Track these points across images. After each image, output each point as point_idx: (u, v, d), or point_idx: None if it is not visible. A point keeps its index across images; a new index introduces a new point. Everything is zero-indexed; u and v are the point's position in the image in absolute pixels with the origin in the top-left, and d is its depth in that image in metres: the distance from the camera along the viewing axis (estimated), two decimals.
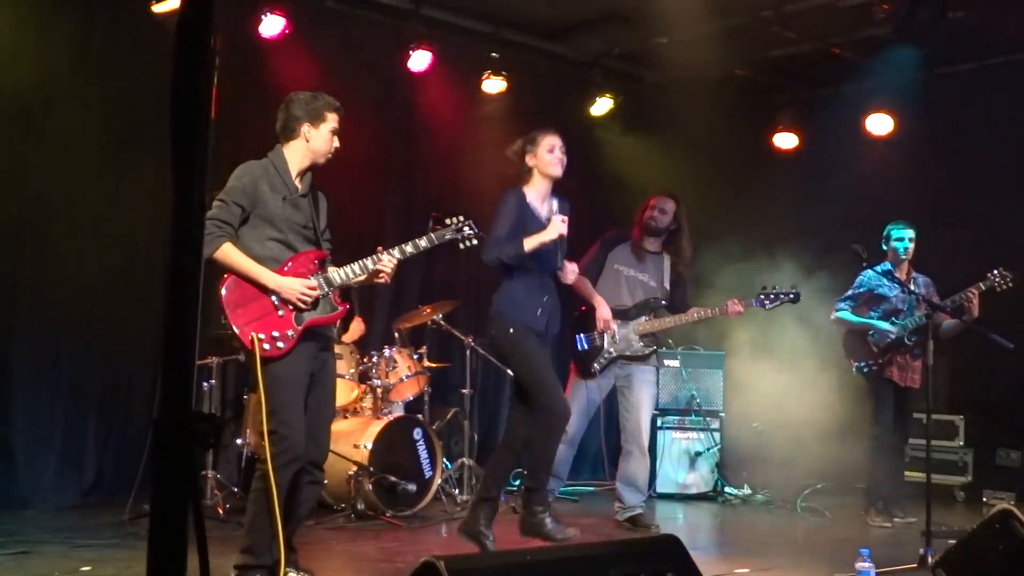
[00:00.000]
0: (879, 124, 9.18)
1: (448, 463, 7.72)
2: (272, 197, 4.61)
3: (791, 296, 6.96)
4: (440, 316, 7.89)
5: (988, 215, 8.82)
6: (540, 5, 8.87)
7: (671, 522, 7.64)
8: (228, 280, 4.53)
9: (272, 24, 7.70)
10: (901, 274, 7.48)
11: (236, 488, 6.92)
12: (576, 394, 7.01)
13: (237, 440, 7.26)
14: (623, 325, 7.01)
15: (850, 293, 7.69)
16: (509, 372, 8.00)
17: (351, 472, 6.85)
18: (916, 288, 7.36)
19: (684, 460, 8.84)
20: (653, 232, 7.14)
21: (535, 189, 5.78)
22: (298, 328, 4.57)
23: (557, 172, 5.78)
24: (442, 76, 8.89)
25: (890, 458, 7.48)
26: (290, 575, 4.52)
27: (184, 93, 1.65)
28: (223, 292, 4.50)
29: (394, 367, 7.51)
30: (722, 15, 8.49)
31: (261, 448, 4.41)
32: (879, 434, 7.50)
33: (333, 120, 4.77)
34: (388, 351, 7.52)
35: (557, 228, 5.51)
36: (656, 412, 8.72)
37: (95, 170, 7.33)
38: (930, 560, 5.12)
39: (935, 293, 7.47)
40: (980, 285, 7.16)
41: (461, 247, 5.07)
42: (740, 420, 8.83)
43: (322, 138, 4.74)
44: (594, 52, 9.80)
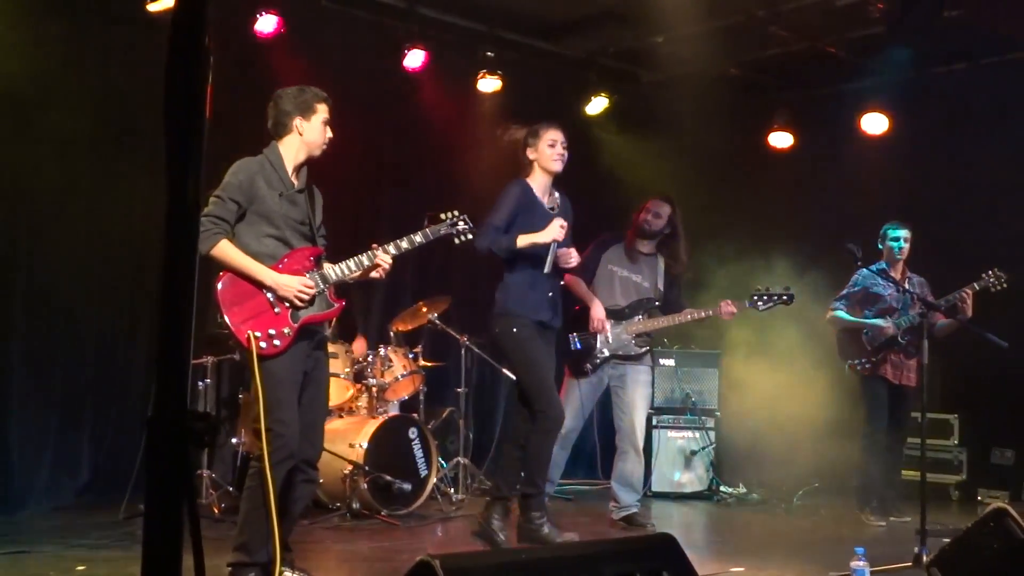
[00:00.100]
0: (874, 123, 9.18)
1: (443, 462, 7.72)
2: (269, 193, 4.60)
3: (784, 297, 6.97)
4: (435, 315, 7.89)
5: (983, 215, 8.82)
6: (535, 4, 8.86)
7: (666, 521, 7.64)
8: (224, 277, 4.52)
9: (267, 23, 7.70)
10: (896, 273, 7.50)
11: (231, 487, 6.91)
12: (570, 394, 7.01)
13: (232, 439, 7.25)
14: (617, 325, 7.02)
15: (845, 292, 7.70)
16: (506, 372, 8.11)
17: (346, 471, 6.84)
18: (911, 288, 7.38)
19: (679, 459, 8.84)
20: (646, 235, 7.15)
21: (536, 182, 5.79)
22: (294, 326, 4.57)
23: (557, 167, 5.77)
24: (437, 75, 8.89)
25: (883, 457, 7.48)
26: (285, 574, 4.51)
27: (178, 92, 1.65)
28: (219, 289, 4.49)
29: (389, 366, 7.51)
30: (717, 14, 8.49)
31: (255, 446, 4.40)
32: (872, 433, 7.51)
33: (324, 111, 4.76)
34: (383, 350, 7.52)
35: (553, 232, 5.48)
36: (651, 411, 8.73)
37: (89, 168, 7.31)
38: (925, 559, 5.12)
39: (930, 293, 7.48)
40: (974, 285, 7.17)
41: (456, 242, 5.09)
42: (735, 419, 8.83)
43: (315, 130, 4.73)
44: (589, 51, 9.80)
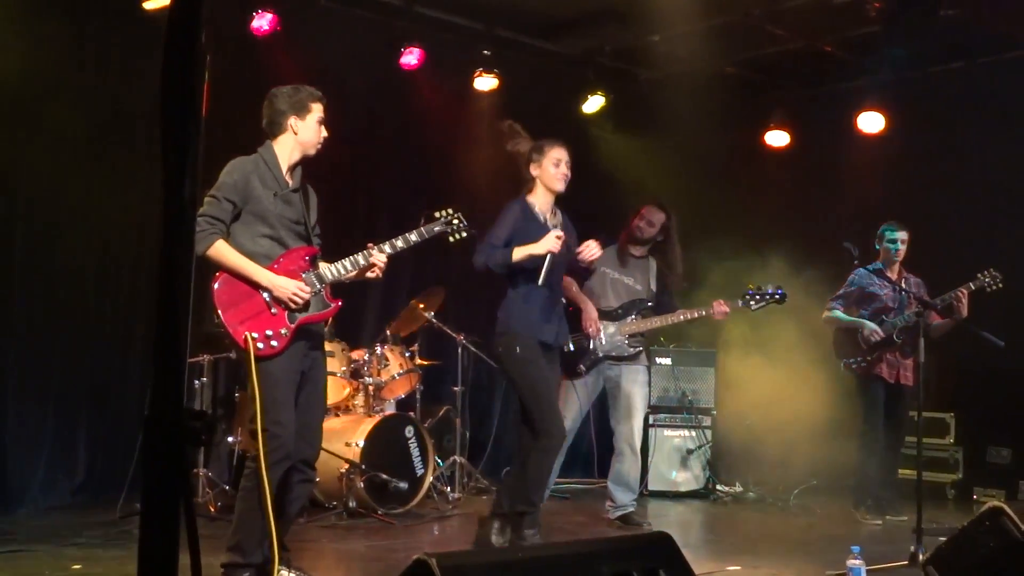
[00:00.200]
0: (870, 122, 9.19)
1: (440, 461, 7.72)
2: (264, 193, 4.58)
3: (776, 296, 6.97)
4: (432, 314, 7.89)
5: (979, 214, 8.83)
6: (532, 2, 8.86)
7: (663, 520, 7.64)
8: (220, 278, 4.50)
9: (263, 21, 7.69)
10: (892, 274, 7.50)
11: (227, 486, 6.91)
12: (566, 396, 7.01)
13: (228, 438, 7.25)
14: (610, 326, 7.02)
15: (841, 292, 7.70)
16: (498, 371, 8.10)
17: (343, 470, 6.84)
18: (907, 288, 7.38)
19: (676, 458, 8.84)
20: (637, 241, 7.16)
21: (538, 200, 5.74)
22: (291, 326, 4.56)
23: (560, 187, 5.72)
24: (434, 73, 8.89)
25: (880, 456, 7.49)
26: (282, 573, 4.51)
27: (175, 90, 1.65)
28: (215, 290, 4.47)
29: (386, 365, 7.51)
30: (714, 13, 8.48)
31: (252, 446, 4.39)
32: (868, 432, 7.51)
33: (318, 110, 4.74)
34: (380, 349, 7.52)
35: (547, 244, 5.42)
36: (648, 410, 8.73)
37: (85, 167, 7.30)
38: (921, 557, 5.13)
39: (926, 293, 7.48)
40: (970, 284, 7.17)
41: (451, 240, 5.06)
42: (732, 418, 8.84)
43: (310, 129, 4.72)
44: (586, 50, 9.80)
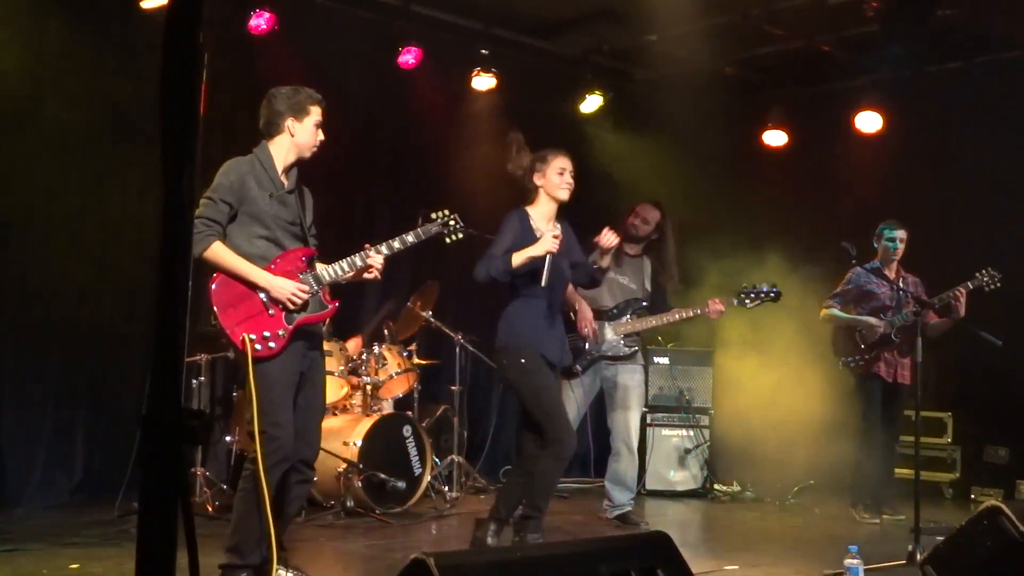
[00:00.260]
0: (868, 122, 9.19)
1: (437, 460, 7.72)
2: (259, 194, 4.57)
3: (771, 294, 6.97)
4: (430, 312, 7.89)
5: (976, 213, 8.83)
6: (530, 2, 8.86)
7: (661, 519, 7.64)
8: (217, 279, 4.49)
9: (261, 21, 7.69)
10: (890, 272, 7.51)
11: (225, 485, 6.91)
12: (563, 397, 7.02)
13: (226, 437, 7.25)
14: (605, 326, 7.02)
15: (839, 290, 7.71)
16: (495, 371, 8.10)
17: (340, 469, 6.84)
18: (904, 287, 7.39)
19: (673, 457, 8.85)
20: (632, 239, 7.16)
21: (540, 210, 5.68)
22: (289, 327, 4.55)
23: (564, 196, 5.66)
24: (432, 73, 8.88)
25: (878, 455, 7.49)
26: (280, 572, 4.51)
27: (173, 90, 1.64)
28: (212, 291, 4.46)
29: (384, 364, 7.51)
30: (711, 13, 8.49)
31: (250, 447, 4.39)
32: (867, 430, 7.52)
33: (316, 113, 4.73)
34: (377, 348, 7.52)
35: (545, 244, 5.36)
36: (646, 409, 8.74)
37: (83, 167, 7.30)
38: (919, 557, 5.13)
39: (923, 292, 7.49)
40: (968, 284, 7.18)
41: (447, 241, 5.05)
42: (729, 417, 8.83)
43: (307, 132, 4.71)
44: (584, 49, 9.80)
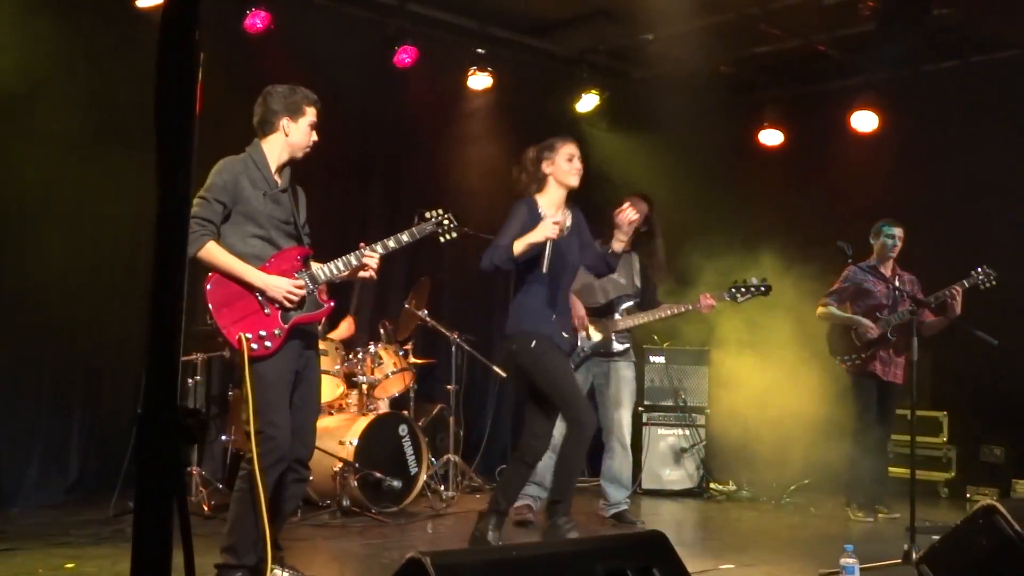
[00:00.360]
0: (864, 121, 9.20)
1: (433, 459, 7.72)
2: (253, 193, 4.56)
3: (762, 288, 6.98)
4: (425, 312, 7.88)
5: (972, 212, 8.85)
6: (526, 1, 8.86)
7: (656, 518, 7.65)
8: (213, 278, 4.48)
9: (257, 19, 7.68)
10: (887, 271, 7.53)
11: (221, 484, 6.90)
12: None
13: (222, 436, 7.24)
14: (597, 322, 7.03)
15: (835, 289, 7.72)
16: (496, 369, 8.11)
17: (336, 468, 6.84)
18: (900, 285, 7.40)
19: (669, 456, 8.85)
20: (622, 232, 7.13)
21: (549, 198, 5.69)
22: (285, 327, 4.54)
23: (574, 182, 5.68)
24: (427, 72, 8.88)
25: (873, 453, 7.50)
26: (275, 572, 4.51)
27: (168, 88, 1.64)
28: (208, 291, 4.46)
29: (380, 363, 7.50)
30: (708, 12, 8.50)
31: (246, 446, 4.39)
32: (862, 430, 7.53)
33: (311, 113, 4.74)
34: (373, 347, 7.51)
35: (544, 231, 5.36)
36: (641, 408, 8.76)
37: (78, 165, 7.29)
38: (914, 556, 5.13)
39: (919, 290, 7.50)
40: (964, 282, 7.19)
41: (442, 240, 5.05)
42: (725, 416, 8.84)
43: (301, 132, 4.71)
44: (580, 48, 9.80)
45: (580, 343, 6.93)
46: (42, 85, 7.09)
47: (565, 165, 5.65)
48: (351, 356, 7.42)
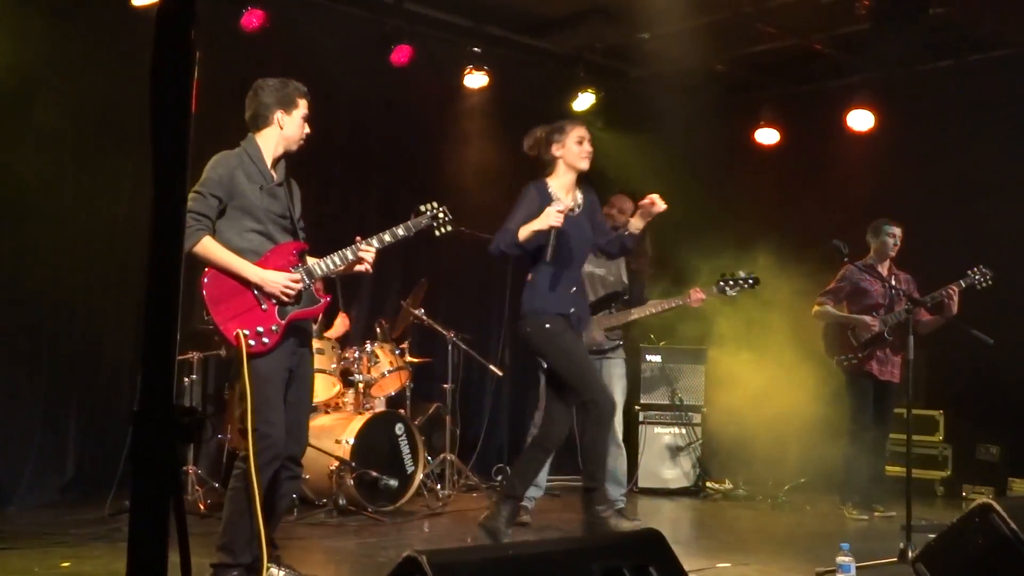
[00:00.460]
0: (860, 120, 9.20)
1: (430, 458, 7.72)
2: (250, 187, 4.55)
3: (750, 281, 6.99)
4: (421, 311, 7.88)
5: (968, 212, 8.84)
6: (522, 0, 8.86)
7: (653, 516, 7.65)
8: (209, 274, 4.46)
9: (253, 17, 7.67)
10: (883, 270, 7.53)
11: (217, 483, 6.90)
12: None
13: (218, 435, 7.24)
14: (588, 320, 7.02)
15: (832, 288, 7.72)
16: (492, 368, 8.10)
17: (332, 467, 6.83)
18: (897, 284, 7.41)
19: (666, 455, 8.86)
20: None
21: (560, 181, 5.69)
22: (282, 322, 4.53)
23: (585, 165, 5.69)
24: (424, 71, 8.87)
25: (868, 452, 7.51)
26: (271, 571, 4.50)
27: (164, 87, 1.64)
28: (204, 287, 4.43)
29: (376, 362, 7.50)
30: (704, 11, 8.50)
31: (241, 444, 4.38)
32: (857, 429, 7.53)
33: (304, 106, 4.73)
34: (370, 346, 7.51)
35: (548, 219, 5.34)
36: (638, 407, 8.77)
37: (74, 164, 7.28)
38: (910, 554, 5.14)
39: (915, 289, 7.51)
40: (961, 282, 7.20)
41: (437, 233, 5.01)
42: (721, 415, 8.84)
43: (295, 124, 4.71)
44: (576, 47, 9.80)
45: None
46: (37, 84, 7.08)
47: (575, 148, 5.65)
48: (347, 355, 7.42)
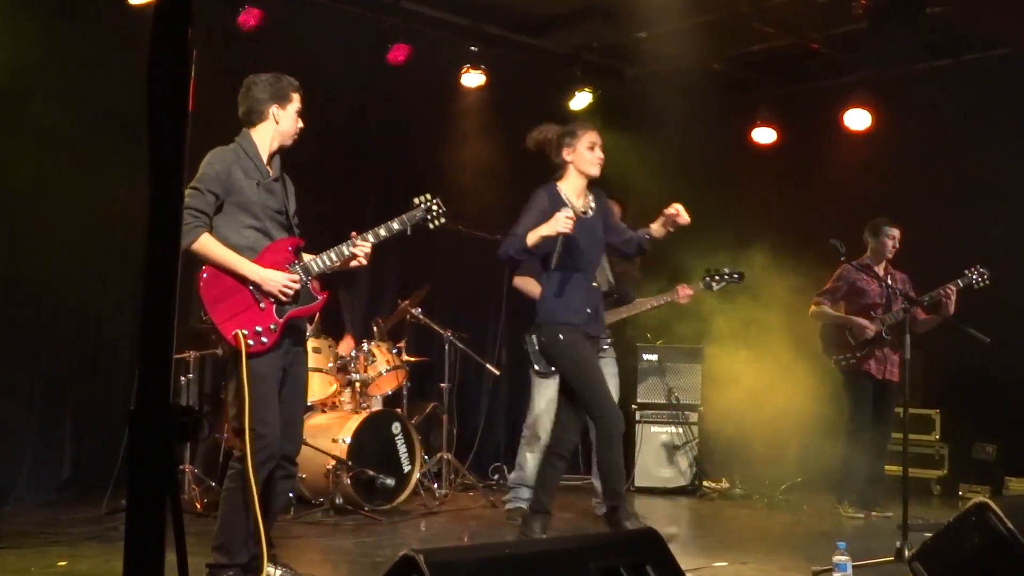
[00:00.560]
0: (857, 119, 9.20)
1: (426, 457, 7.71)
2: (247, 183, 4.52)
3: (735, 276, 7.00)
4: (419, 311, 7.88)
5: (965, 211, 8.85)
6: None
7: (649, 516, 7.63)
8: (206, 273, 4.43)
9: (250, 16, 7.66)
10: (880, 270, 7.53)
11: (213, 482, 6.89)
12: (540, 395, 7.03)
13: (215, 434, 7.23)
14: None
15: (829, 288, 7.72)
16: (489, 367, 8.10)
17: (329, 466, 6.83)
18: (893, 284, 7.41)
19: (662, 454, 8.86)
20: None
21: (570, 185, 5.63)
22: (280, 321, 4.51)
23: (595, 171, 5.63)
24: (421, 70, 8.86)
25: (866, 452, 7.51)
26: (268, 570, 4.50)
27: (161, 85, 1.64)
28: (201, 286, 4.41)
29: (373, 361, 7.49)
30: (701, 10, 8.51)
31: (235, 443, 4.37)
32: (855, 429, 7.53)
33: (297, 100, 4.72)
34: (366, 345, 7.51)
35: (556, 224, 5.27)
36: (635, 406, 8.77)
37: (71, 161, 7.26)
38: (907, 553, 5.14)
39: (911, 289, 7.51)
40: (958, 282, 7.20)
41: (431, 226, 4.94)
42: (718, 414, 8.84)
43: (289, 119, 4.69)
44: (573, 46, 9.80)
45: None
46: (35, 81, 7.07)
47: (587, 154, 5.60)
48: (341, 350, 7.42)
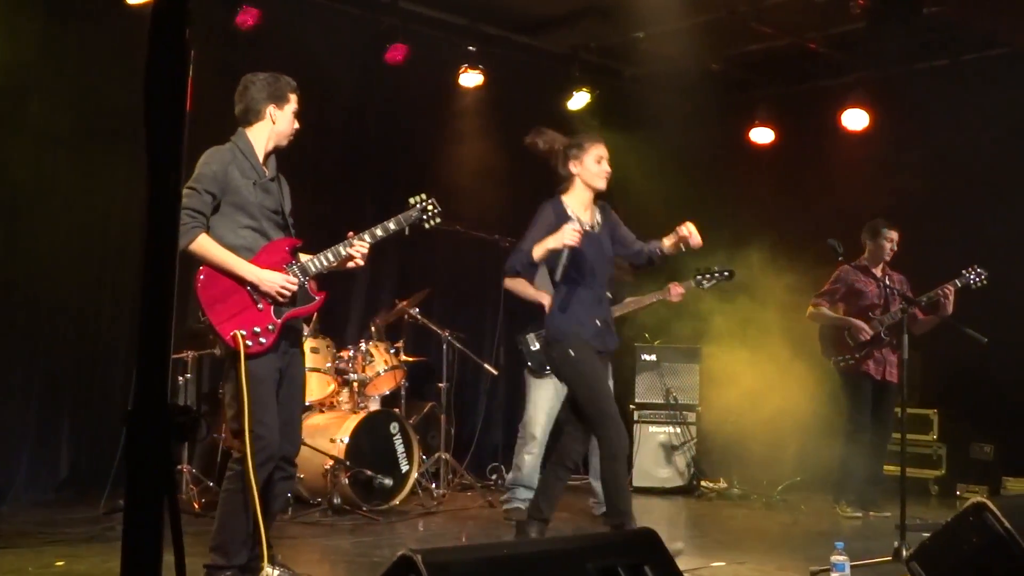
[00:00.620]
0: (855, 119, 9.21)
1: (424, 457, 7.71)
2: (243, 183, 4.51)
3: (726, 273, 6.99)
4: (417, 311, 7.87)
5: (963, 211, 8.86)
6: None
7: (647, 516, 7.63)
8: (204, 274, 4.41)
9: (248, 16, 7.66)
10: (877, 271, 7.53)
11: (211, 483, 6.89)
12: (535, 395, 7.03)
13: (212, 434, 7.22)
14: None
15: (827, 288, 7.72)
16: (487, 367, 8.09)
17: (327, 466, 6.83)
18: (891, 285, 7.41)
19: (660, 454, 8.86)
20: None
21: (576, 198, 5.57)
22: (278, 322, 4.51)
23: (602, 185, 5.57)
24: (419, 70, 8.86)
25: (864, 453, 7.51)
26: (267, 570, 4.49)
27: (159, 85, 1.63)
28: (199, 286, 4.40)
29: (370, 361, 7.49)
30: (699, 10, 8.51)
31: (233, 444, 4.37)
32: (853, 429, 7.53)
33: (295, 101, 4.71)
34: (364, 345, 7.50)
35: (562, 237, 5.21)
36: (632, 406, 8.77)
37: (68, 161, 7.26)
38: (904, 553, 5.14)
39: (909, 290, 7.51)
40: (956, 282, 7.20)
41: (426, 226, 4.92)
42: (716, 414, 8.84)
43: (286, 119, 4.68)
44: (571, 46, 9.80)
45: None
46: (33, 81, 7.07)
47: (594, 167, 5.53)
48: (342, 354, 7.41)
